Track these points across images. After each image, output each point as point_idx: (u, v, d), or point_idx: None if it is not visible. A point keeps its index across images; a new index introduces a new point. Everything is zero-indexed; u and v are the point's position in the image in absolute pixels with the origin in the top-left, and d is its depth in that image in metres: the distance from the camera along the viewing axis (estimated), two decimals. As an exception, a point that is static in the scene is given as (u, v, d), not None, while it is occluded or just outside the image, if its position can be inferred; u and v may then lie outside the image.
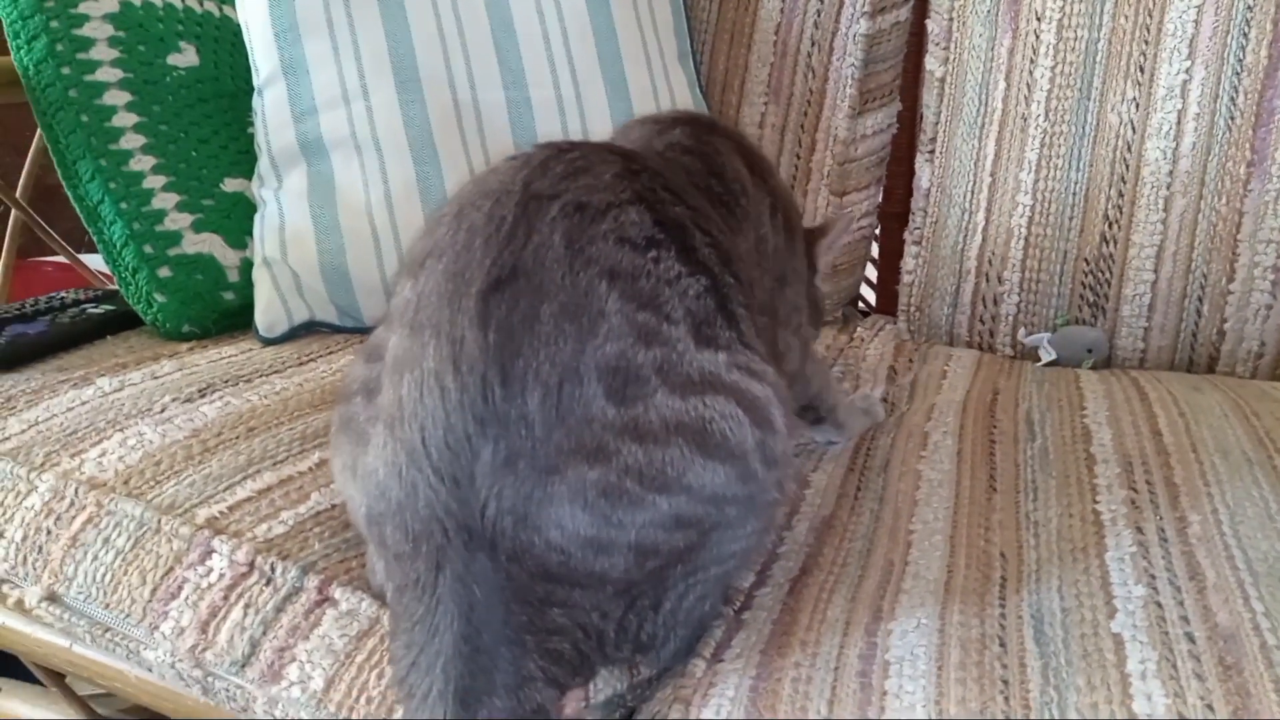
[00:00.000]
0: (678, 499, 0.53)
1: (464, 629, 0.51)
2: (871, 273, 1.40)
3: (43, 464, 0.73)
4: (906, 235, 1.18)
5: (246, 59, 1.05)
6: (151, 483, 0.71)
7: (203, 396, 0.82)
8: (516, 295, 0.51)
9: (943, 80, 1.14)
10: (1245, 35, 0.97)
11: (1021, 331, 1.09)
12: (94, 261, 1.19)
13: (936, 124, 1.15)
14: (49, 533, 0.69)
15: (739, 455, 0.54)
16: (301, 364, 0.93)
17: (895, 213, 1.26)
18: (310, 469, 0.74)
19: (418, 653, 0.52)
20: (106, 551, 0.67)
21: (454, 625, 0.51)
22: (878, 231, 1.34)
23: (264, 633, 0.62)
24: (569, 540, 0.51)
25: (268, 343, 0.98)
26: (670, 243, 0.55)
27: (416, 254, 0.55)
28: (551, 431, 0.50)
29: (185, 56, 1.05)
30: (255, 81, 1.04)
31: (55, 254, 1.27)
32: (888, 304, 1.29)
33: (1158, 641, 0.54)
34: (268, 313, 0.99)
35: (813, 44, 1.18)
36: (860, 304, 1.40)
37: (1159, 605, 0.57)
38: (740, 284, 0.60)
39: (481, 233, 0.53)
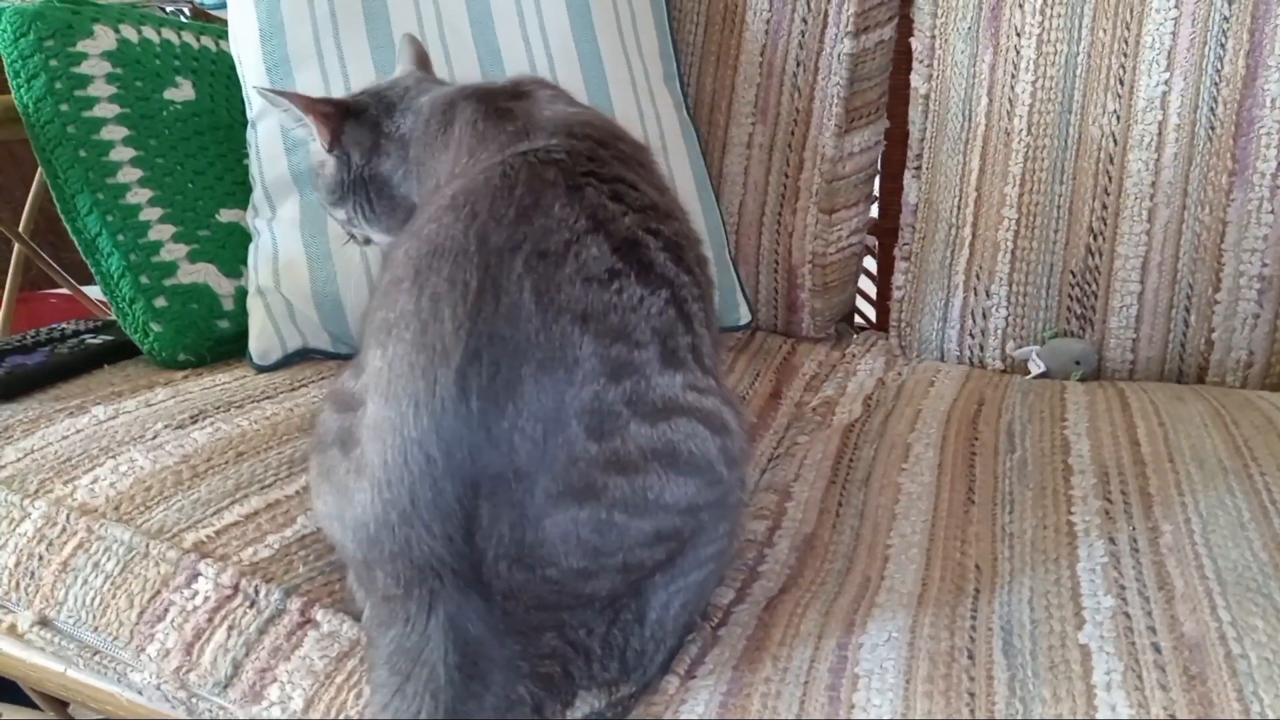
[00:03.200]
0: (658, 517, 0.54)
1: (457, 660, 0.52)
2: (870, 289, 1.41)
3: (36, 491, 0.74)
4: (896, 251, 1.19)
5: (242, 92, 1.08)
6: (141, 508, 0.72)
7: (194, 423, 0.83)
8: (496, 361, 0.51)
9: (927, 97, 1.15)
10: (1223, 46, 0.97)
11: (1011, 345, 1.10)
12: (97, 293, 1.22)
13: (922, 140, 1.16)
14: (41, 558, 0.71)
15: (704, 465, 0.56)
16: (293, 389, 0.94)
17: (891, 228, 1.26)
18: (297, 493, 0.75)
19: (403, 680, 0.53)
20: (96, 576, 0.69)
21: (446, 657, 0.52)
22: (875, 248, 1.36)
23: (246, 654, 0.63)
24: (564, 574, 0.53)
25: (262, 370, 1.00)
26: (629, 269, 0.56)
27: (379, 321, 0.55)
28: (540, 479, 0.51)
29: (182, 91, 1.07)
30: (249, 114, 1.06)
31: (60, 286, 1.29)
32: (885, 320, 1.30)
33: (1124, 652, 0.55)
34: (261, 340, 1.00)
35: (798, 64, 1.19)
36: (860, 319, 1.41)
37: (1127, 616, 0.57)
38: (694, 277, 0.60)
39: (447, 299, 0.52)
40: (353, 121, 0.76)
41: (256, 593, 0.65)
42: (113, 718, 0.73)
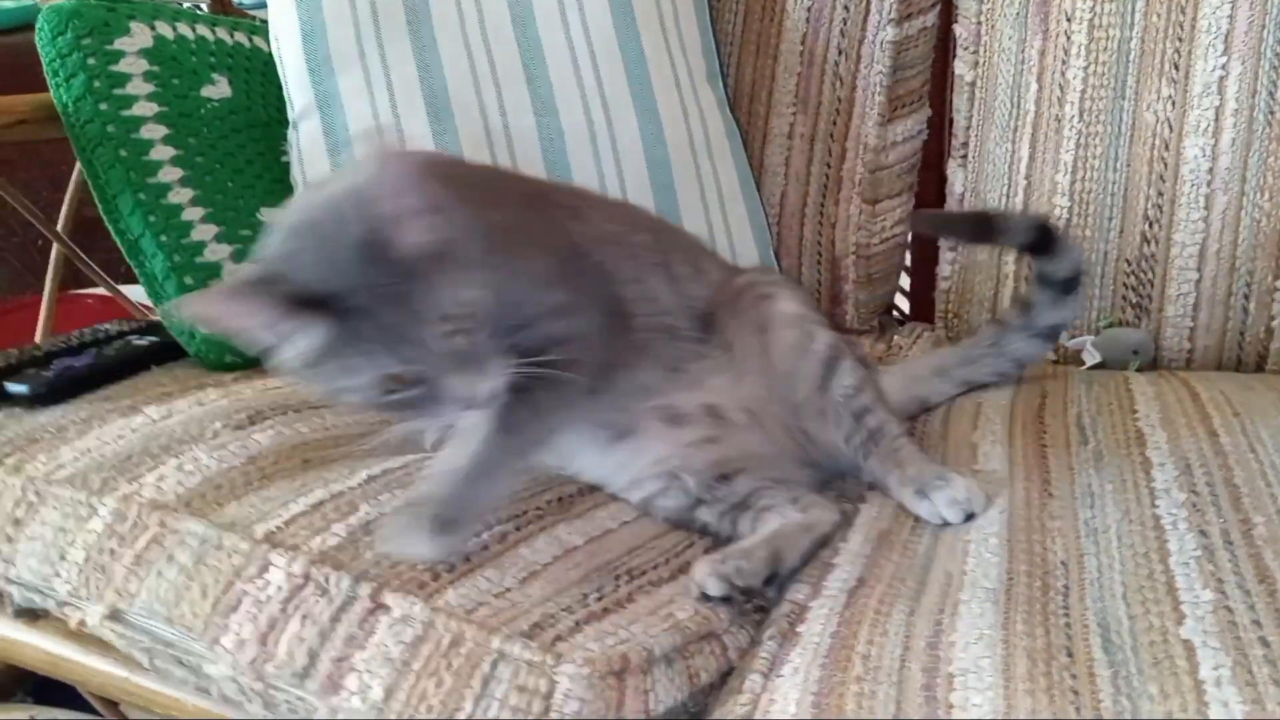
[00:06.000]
0: None
1: None
2: (905, 280, 1.39)
3: (101, 488, 0.73)
4: (942, 241, 1.17)
5: (278, 88, 1.07)
6: (213, 505, 0.71)
7: (253, 424, 0.82)
8: None
9: (973, 84, 1.14)
10: (1282, 28, 0.96)
11: (1064, 335, 1.08)
12: (133, 292, 1.20)
13: (968, 128, 1.15)
14: (112, 553, 0.69)
15: None
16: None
17: (927, 219, 1.25)
18: (360, 484, 0.74)
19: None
20: (170, 568, 0.68)
21: None
22: (910, 239, 1.34)
23: (321, 643, 0.62)
24: None
25: (310, 370, 0.98)
26: None
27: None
28: None
29: (218, 88, 1.06)
30: (290, 115, 1.05)
31: (94, 286, 1.28)
32: (921, 311, 1.28)
33: (1230, 647, 0.53)
34: (309, 340, 0.99)
35: (840, 52, 1.18)
36: (895, 313, 1.39)
37: (1229, 610, 0.56)
38: None
39: None
40: None
41: (326, 580, 0.64)
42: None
